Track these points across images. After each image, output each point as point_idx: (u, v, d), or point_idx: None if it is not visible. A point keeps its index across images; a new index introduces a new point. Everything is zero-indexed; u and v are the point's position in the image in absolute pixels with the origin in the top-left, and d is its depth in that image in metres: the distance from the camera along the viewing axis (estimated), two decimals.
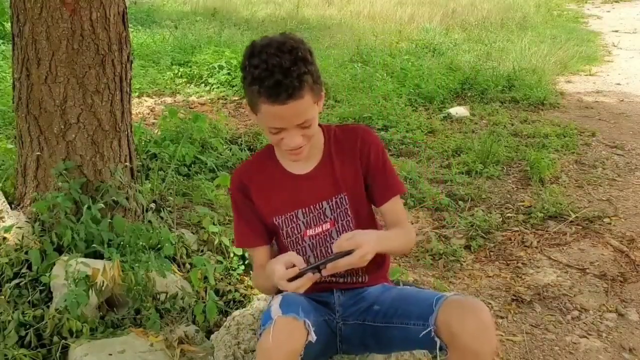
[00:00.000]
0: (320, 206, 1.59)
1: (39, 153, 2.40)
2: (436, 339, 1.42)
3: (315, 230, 1.60)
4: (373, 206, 1.67)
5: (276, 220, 1.60)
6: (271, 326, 1.33)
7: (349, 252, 1.39)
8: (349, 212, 1.60)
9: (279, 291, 1.53)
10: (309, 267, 1.41)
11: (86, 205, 2.31)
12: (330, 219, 1.60)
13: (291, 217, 1.60)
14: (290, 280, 1.39)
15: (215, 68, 6.00)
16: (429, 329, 1.42)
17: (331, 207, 1.59)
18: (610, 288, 2.75)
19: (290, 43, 1.35)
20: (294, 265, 1.42)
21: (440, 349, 1.42)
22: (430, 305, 1.44)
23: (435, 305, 1.43)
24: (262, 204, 1.60)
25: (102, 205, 2.32)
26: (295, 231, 1.60)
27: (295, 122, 1.39)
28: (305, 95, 1.35)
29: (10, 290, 2.07)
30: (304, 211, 1.59)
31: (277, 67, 1.31)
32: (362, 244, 1.40)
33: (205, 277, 2.27)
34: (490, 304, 2.62)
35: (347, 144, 1.60)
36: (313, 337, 1.36)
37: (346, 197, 1.59)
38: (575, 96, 6.52)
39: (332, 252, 1.53)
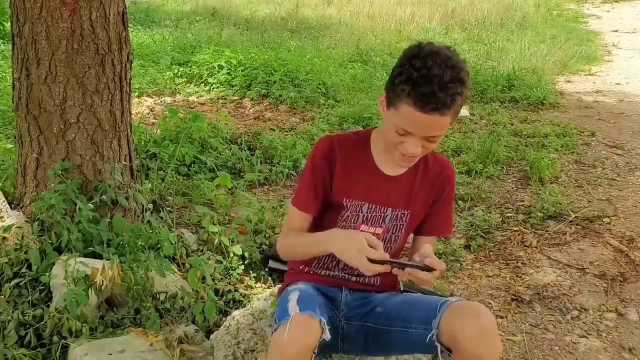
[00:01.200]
0: (384, 211, 1.61)
1: (38, 153, 2.40)
2: (437, 343, 1.42)
3: (369, 228, 1.61)
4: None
5: (345, 202, 1.60)
6: (288, 322, 1.35)
7: (427, 268, 1.36)
8: (403, 230, 1.63)
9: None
10: (395, 262, 1.37)
11: (78, 206, 2.31)
12: (387, 226, 1.62)
13: (356, 206, 1.60)
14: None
15: (215, 68, 6.00)
16: (431, 333, 1.43)
17: (392, 217, 1.61)
18: (610, 288, 2.75)
19: (456, 60, 1.35)
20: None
21: (442, 353, 1.44)
22: (434, 310, 1.46)
23: (439, 310, 1.44)
24: (341, 181, 1.59)
25: (92, 206, 2.31)
26: (353, 220, 1.61)
27: (426, 134, 1.40)
28: (449, 114, 1.35)
29: (10, 290, 2.07)
30: (370, 207, 1.60)
31: (437, 77, 1.31)
32: (442, 268, 1.39)
33: (204, 278, 2.27)
34: (490, 304, 2.62)
35: (434, 172, 1.63)
36: (328, 336, 1.38)
37: (409, 215, 1.62)
38: (575, 96, 6.53)
39: None
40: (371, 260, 1.35)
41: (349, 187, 1.59)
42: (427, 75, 1.31)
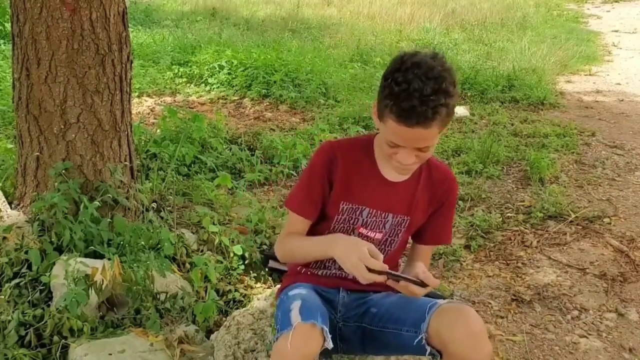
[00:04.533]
0: (385, 216, 1.60)
1: (38, 153, 2.40)
2: (427, 346, 1.44)
3: (368, 232, 1.61)
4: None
5: (342, 205, 1.59)
6: (290, 331, 1.35)
7: (421, 283, 1.41)
8: (400, 234, 1.63)
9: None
10: (393, 273, 1.41)
11: (82, 205, 2.31)
12: (386, 231, 1.62)
13: (355, 210, 1.59)
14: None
15: (215, 68, 6.00)
16: (420, 336, 1.45)
17: (392, 222, 1.61)
18: (610, 288, 2.75)
19: (439, 70, 1.32)
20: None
21: (433, 355, 1.46)
22: (423, 313, 1.47)
23: (428, 313, 1.46)
24: (340, 185, 1.58)
25: (98, 204, 2.31)
26: (351, 222, 1.61)
27: (415, 145, 1.40)
28: (433, 125, 1.34)
29: (10, 290, 2.07)
30: (369, 211, 1.60)
31: (417, 91, 1.29)
32: (435, 285, 1.44)
33: (206, 277, 2.27)
34: (490, 303, 2.62)
35: (436, 180, 1.62)
36: (329, 345, 1.38)
37: (408, 221, 1.62)
38: (575, 96, 6.53)
39: None
40: (370, 270, 1.37)
41: (348, 191, 1.58)
42: (406, 90, 1.30)
